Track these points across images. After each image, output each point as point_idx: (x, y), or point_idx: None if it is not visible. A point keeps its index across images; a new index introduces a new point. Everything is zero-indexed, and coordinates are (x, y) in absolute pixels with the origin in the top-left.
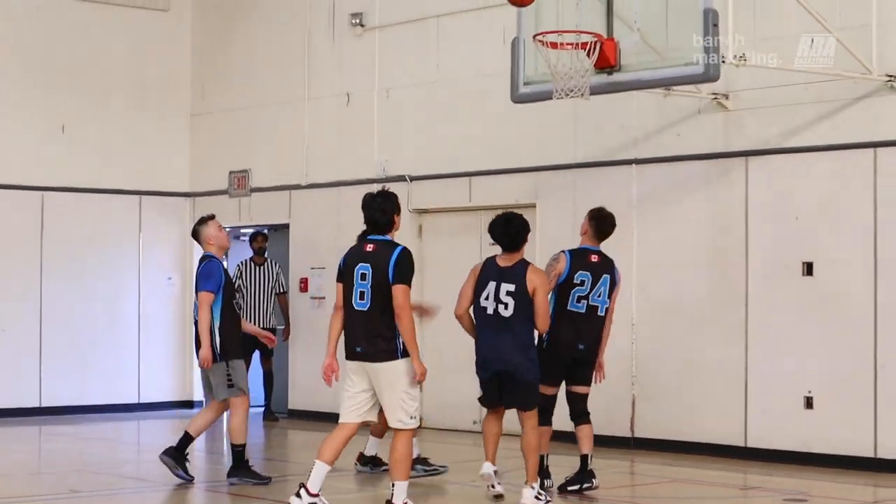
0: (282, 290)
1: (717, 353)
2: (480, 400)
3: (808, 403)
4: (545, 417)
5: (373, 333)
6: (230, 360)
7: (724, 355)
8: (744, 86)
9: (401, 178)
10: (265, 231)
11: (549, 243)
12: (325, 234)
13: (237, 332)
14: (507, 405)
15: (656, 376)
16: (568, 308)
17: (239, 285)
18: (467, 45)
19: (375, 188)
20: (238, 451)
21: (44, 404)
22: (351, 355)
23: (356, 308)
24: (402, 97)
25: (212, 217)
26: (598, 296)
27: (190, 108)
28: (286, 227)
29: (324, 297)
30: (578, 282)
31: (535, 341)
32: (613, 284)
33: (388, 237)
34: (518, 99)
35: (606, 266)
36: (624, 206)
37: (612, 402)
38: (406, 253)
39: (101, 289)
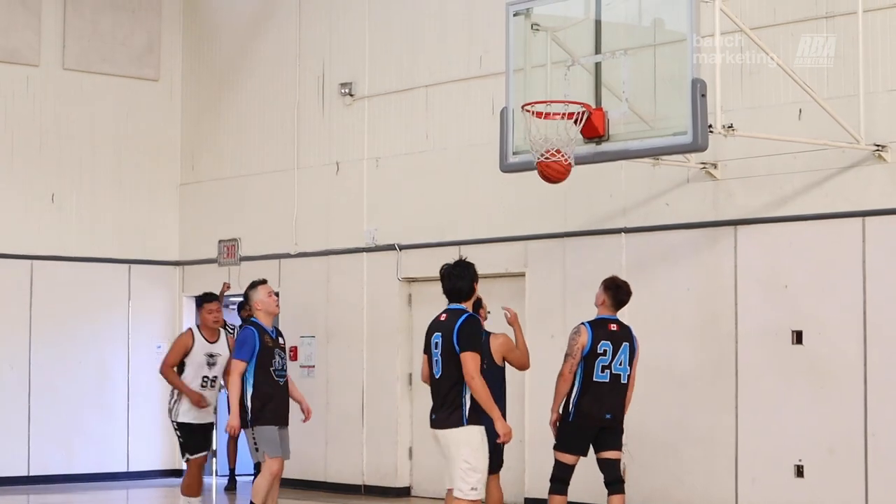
0: None
1: (707, 420)
2: None
3: (799, 472)
4: (561, 486)
5: (441, 401)
6: (256, 427)
7: (715, 423)
8: (732, 155)
9: (390, 248)
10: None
11: (538, 311)
12: (314, 303)
13: (272, 399)
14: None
15: (647, 443)
16: (594, 379)
17: None
18: (456, 114)
19: (365, 256)
20: None
21: (32, 473)
22: (430, 423)
23: (434, 377)
24: (392, 166)
25: (263, 282)
26: (620, 364)
27: (179, 177)
28: (276, 295)
29: (313, 366)
30: (601, 351)
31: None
32: (633, 351)
33: (461, 306)
34: (507, 168)
35: (625, 334)
36: (613, 273)
37: None
38: (469, 320)
39: (89, 357)
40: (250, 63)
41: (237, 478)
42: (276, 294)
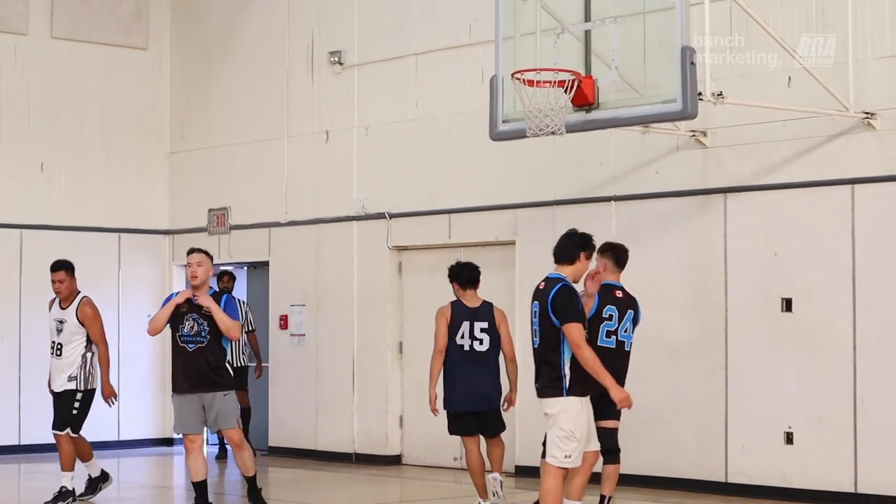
0: (251, 329)
1: (697, 388)
2: (455, 430)
3: (789, 439)
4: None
5: (540, 371)
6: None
7: (705, 391)
8: (722, 123)
9: (380, 216)
10: (231, 270)
11: (528, 279)
12: (304, 272)
13: (176, 367)
14: (490, 434)
15: (637, 412)
16: (598, 343)
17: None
18: (446, 82)
19: (355, 225)
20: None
21: (23, 442)
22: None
23: (533, 345)
24: (382, 135)
25: (190, 251)
26: (625, 331)
27: (168, 146)
28: (266, 264)
29: (304, 335)
30: (607, 316)
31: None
32: (636, 321)
33: (559, 274)
34: (496, 136)
35: (630, 302)
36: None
37: None
38: (563, 289)
39: None
40: (239, 31)
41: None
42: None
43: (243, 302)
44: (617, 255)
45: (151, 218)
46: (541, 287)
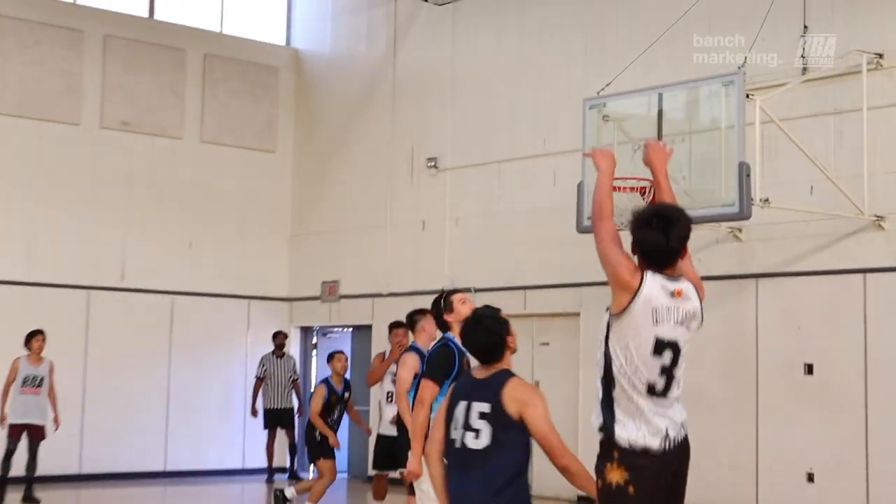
0: (296, 377)
1: (732, 438)
2: None
3: (810, 478)
4: None
5: None
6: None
7: (738, 439)
8: (755, 222)
9: (466, 290)
10: (285, 331)
11: (590, 345)
12: None
13: None
14: None
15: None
16: None
17: (263, 372)
18: (524, 184)
19: None
20: None
21: (168, 469)
22: None
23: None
24: (469, 225)
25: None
26: None
27: (290, 229)
28: (369, 327)
29: None
30: None
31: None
32: None
33: None
34: (583, 230)
35: None
36: None
37: None
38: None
39: (216, 376)
40: (350, 139)
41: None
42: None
43: (291, 356)
44: None
45: (275, 287)
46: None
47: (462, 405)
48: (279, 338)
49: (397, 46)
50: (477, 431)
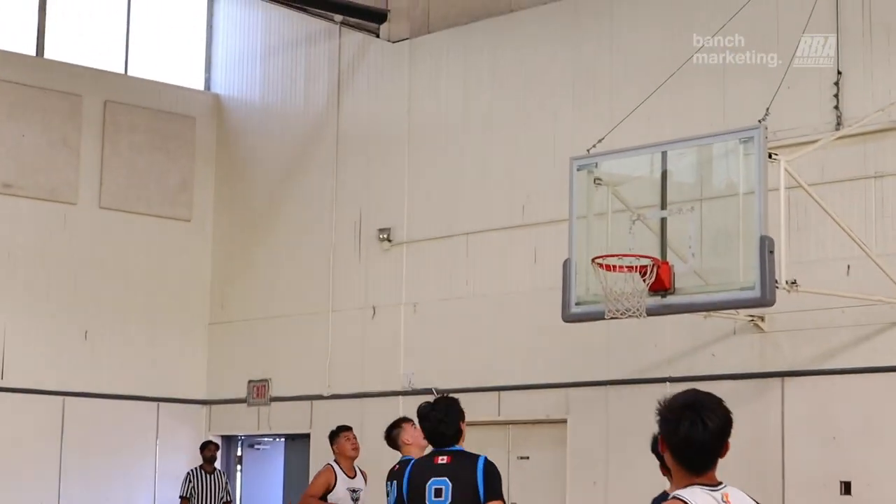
0: (228, 499)
1: None
2: None
3: None
4: None
5: None
6: None
7: None
8: (780, 308)
9: (427, 391)
10: (215, 441)
11: (580, 459)
12: None
13: None
14: None
15: None
16: None
17: (190, 491)
18: (497, 262)
19: (401, 400)
20: None
21: None
22: None
23: None
24: (430, 311)
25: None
26: None
27: (209, 316)
28: (307, 436)
29: None
30: None
31: None
32: None
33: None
34: (570, 318)
35: None
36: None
37: None
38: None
39: (118, 494)
40: (284, 205)
41: None
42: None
43: (223, 472)
44: None
45: (190, 387)
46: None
47: None
48: (209, 449)
49: (342, 92)
50: None
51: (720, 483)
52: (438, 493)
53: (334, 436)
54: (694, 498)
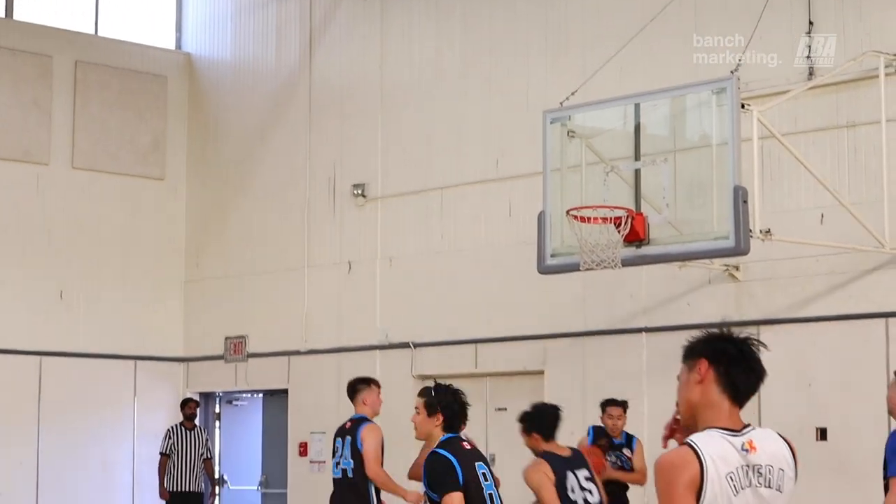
0: (208, 456)
1: None
2: None
3: None
4: None
5: None
6: None
7: None
8: (755, 257)
9: (404, 345)
10: (195, 398)
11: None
12: (325, 400)
13: None
14: None
15: None
16: None
17: (170, 448)
18: (472, 216)
19: (378, 354)
20: None
21: None
22: None
23: None
24: (406, 266)
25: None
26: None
27: (184, 273)
28: (284, 392)
29: (324, 461)
30: None
31: None
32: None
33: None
34: (545, 270)
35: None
36: (634, 373)
37: None
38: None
39: (95, 452)
40: (257, 163)
41: None
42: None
43: (203, 429)
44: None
45: (166, 345)
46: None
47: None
48: (189, 406)
49: (314, 49)
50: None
51: (746, 426)
52: (485, 476)
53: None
54: (706, 446)
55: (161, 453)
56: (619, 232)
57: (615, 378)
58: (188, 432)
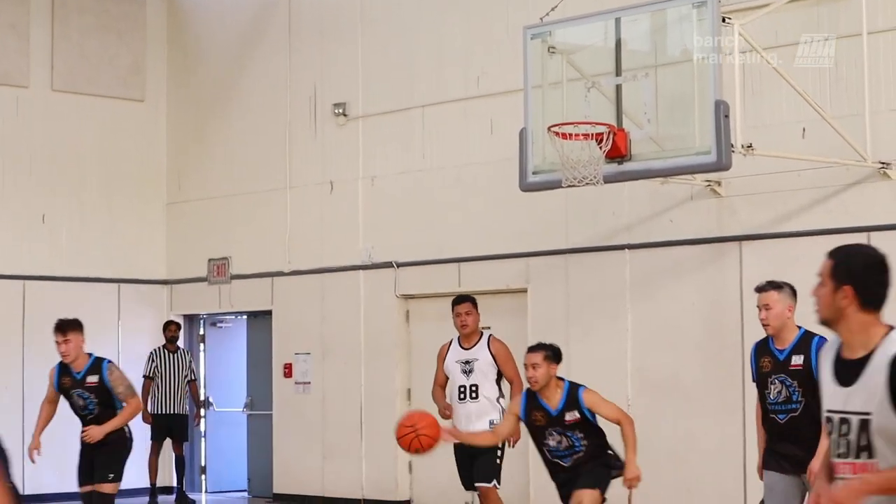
0: (193, 378)
1: (714, 431)
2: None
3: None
4: None
5: None
6: None
7: (722, 433)
8: (737, 173)
9: (387, 265)
10: (177, 321)
11: (541, 327)
12: (309, 320)
13: None
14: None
15: (653, 456)
16: None
17: (153, 371)
18: (454, 134)
19: (361, 274)
20: None
21: (27, 492)
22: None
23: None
24: (388, 185)
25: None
26: None
27: (166, 196)
28: (268, 313)
29: (309, 382)
30: None
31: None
32: None
33: None
34: (527, 187)
35: None
36: (617, 290)
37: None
38: None
39: None
40: (238, 83)
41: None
42: None
43: (186, 351)
44: None
45: (150, 268)
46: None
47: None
48: (170, 329)
49: None
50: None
51: None
52: None
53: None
54: None
55: (144, 376)
56: (600, 148)
57: (598, 295)
58: (171, 355)
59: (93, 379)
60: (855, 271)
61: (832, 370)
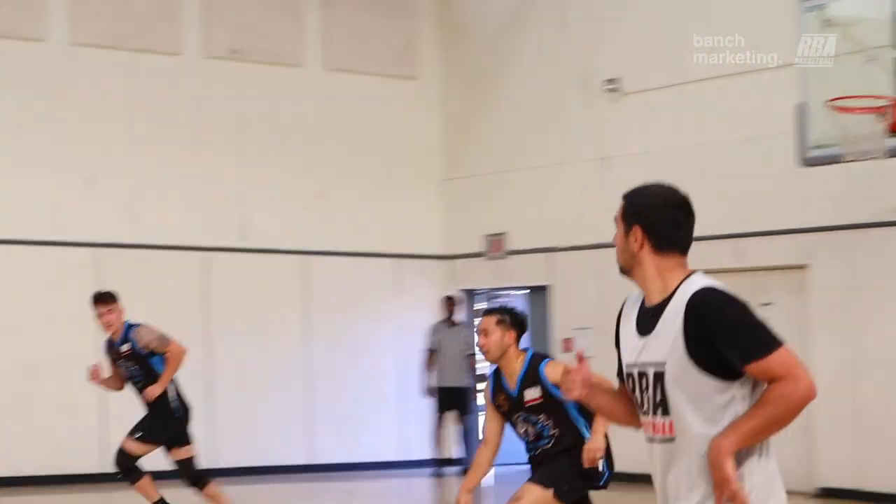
0: (472, 352)
1: None
2: None
3: None
4: None
5: None
6: None
7: None
8: None
9: None
10: (455, 296)
11: (824, 304)
12: (588, 295)
13: None
14: None
15: None
16: None
17: (436, 344)
18: (728, 109)
19: None
20: None
21: (312, 462)
22: None
23: None
24: (663, 160)
25: None
26: None
27: (441, 172)
28: (544, 288)
29: (591, 357)
30: None
31: None
32: None
33: None
34: (809, 163)
35: None
36: None
37: None
38: None
39: (362, 351)
40: (509, 60)
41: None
42: None
43: (466, 325)
44: None
45: (426, 243)
46: None
47: None
48: (450, 304)
49: None
50: None
51: None
52: None
53: None
54: None
55: (428, 349)
56: (883, 122)
57: (885, 273)
58: (451, 329)
59: (126, 347)
60: (642, 210)
61: (635, 323)
